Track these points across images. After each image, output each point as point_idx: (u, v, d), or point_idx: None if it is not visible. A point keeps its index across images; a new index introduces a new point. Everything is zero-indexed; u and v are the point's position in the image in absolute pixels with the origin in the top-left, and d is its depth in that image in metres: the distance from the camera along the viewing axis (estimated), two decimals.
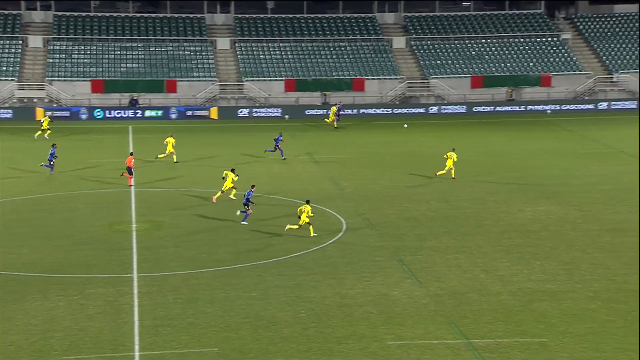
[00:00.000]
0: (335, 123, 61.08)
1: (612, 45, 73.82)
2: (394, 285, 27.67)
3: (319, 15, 76.87)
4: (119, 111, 66.01)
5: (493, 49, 73.73)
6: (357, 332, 23.91)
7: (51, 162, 44.11)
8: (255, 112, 67.55)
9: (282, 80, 70.05)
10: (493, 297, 26.45)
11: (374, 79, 70.53)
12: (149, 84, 68.46)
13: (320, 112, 67.92)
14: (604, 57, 72.73)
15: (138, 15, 76.17)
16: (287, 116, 67.06)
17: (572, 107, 67.58)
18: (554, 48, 73.30)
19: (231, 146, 54.01)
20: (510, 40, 74.42)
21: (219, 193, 38.31)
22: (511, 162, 48.10)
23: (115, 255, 30.93)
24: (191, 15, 75.84)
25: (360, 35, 74.71)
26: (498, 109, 67.79)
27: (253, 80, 70.02)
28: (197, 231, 34.28)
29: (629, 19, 76.37)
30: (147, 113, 65.74)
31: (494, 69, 71.72)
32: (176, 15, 75.58)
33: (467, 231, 33.99)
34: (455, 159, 43.34)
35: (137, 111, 65.25)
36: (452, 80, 70.48)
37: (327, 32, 75.26)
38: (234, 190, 38.47)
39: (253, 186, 35.48)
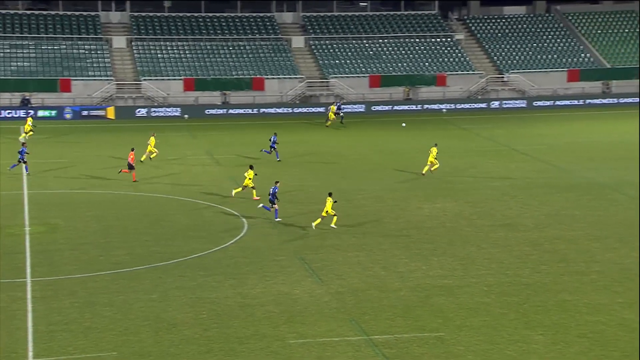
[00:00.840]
0: (328, 122, 60.64)
1: (503, 45, 76.13)
2: (295, 284, 27.76)
3: (217, 15, 76.35)
4: (9, 111, 63.87)
5: (390, 49, 74.90)
6: (259, 332, 23.87)
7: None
8: (154, 111, 66.54)
9: (180, 79, 69.25)
10: (393, 294, 26.87)
11: (273, 78, 70.56)
12: (41, 83, 66.51)
13: (221, 111, 67.50)
14: (495, 58, 74.93)
15: (28, 12, 73.87)
16: (186, 116, 66.35)
17: (467, 106, 69.36)
18: (448, 48, 75.06)
19: (129, 146, 52.96)
20: (407, 40, 75.77)
21: (239, 189, 38.61)
22: (408, 160, 48.96)
23: (7, 260, 29.90)
24: (85, 13, 74.08)
25: (259, 35, 74.62)
26: (396, 108, 68.93)
27: (151, 79, 68.94)
28: (93, 233, 33.51)
29: (518, 20, 78.93)
30: (40, 113, 63.79)
31: (391, 68, 72.88)
32: (69, 13, 73.67)
33: (367, 229, 34.42)
34: (435, 155, 43.69)
35: (29, 111, 63.19)
36: (350, 80, 71.23)
37: (226, 31, 74.82)
38: (253, 191, 38.44)
39: (277, 182, 35.93)
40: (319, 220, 34.05)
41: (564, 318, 24.60)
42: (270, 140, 48.55)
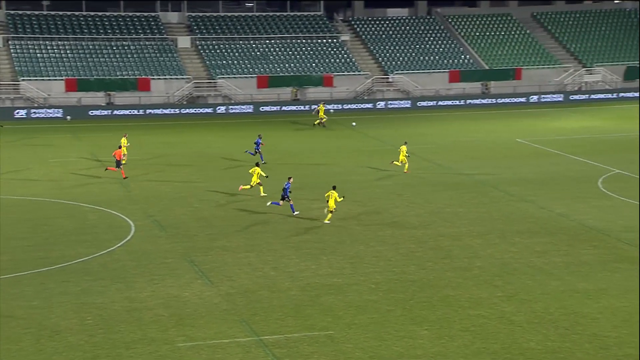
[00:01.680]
0: (323, 119, 60.31)
1: (387, 47, 77.55)
2: (185, 287, 27.45)
3: (99, 14, 74.60)
4: None
5: (277, 49, 75.07)
6: (147, 336, 23.48)
7: None
8: (34, 113, 64.41)
9: (62, 79, 67.28)
10: (283, 293, 26.96)
11: (159, 78, 69.52)
12: None
13: (105, 112, 65.99)
14: (380, 59, 76.26)
15: None
16: (69, 117, 64.51)
17: (353, 106, 70.29)
18: (334, 49, 75.87)
19: (9, 149, 51.10)
20: (293, 41, 76.12)
21: (248, 186, 38.95)
22: (297, 160, 49.21)
23: None
24: None
25: (144, 35, 73.35)
26: (284, 108, 69.15)
27: (30, 79, 66.68)
28: None
29: (401, 22, 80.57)
30: None
31: (278, 69, 73.05)
32: None
33: (257, 229, 34.39)
34: (405, 153, 44.45)
35: None
36: (238, 80, 70.98)
37: (109, 31, 73.21)
38: (261, 188, 39.08)
39: (290, 178, 36.61)
40: (329, 215, 34.77)
41: (447, 313, 25.29)
42: (255, 142, 48.06)
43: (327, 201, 34.78)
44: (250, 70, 72.27)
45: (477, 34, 79.89)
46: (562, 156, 48.99)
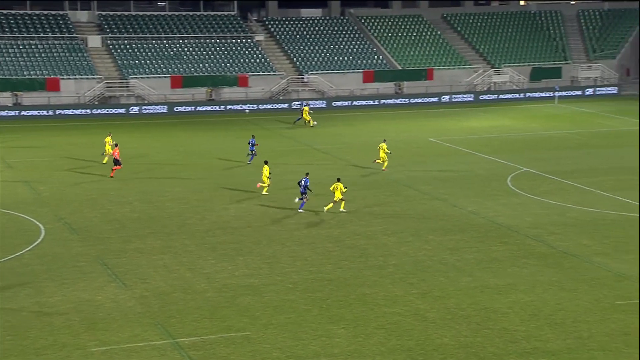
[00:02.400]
0: (311, 123, 60.29)
1: (301, 47, 77.78)
2: (97, 290, 26.91)
3: (5, 12, 72.41)
4: None
5: (191, 49, 74.35)
6: (58, 342, 22.92)
7: None
8: None
9: None
10: (199, 295, 26.73)
11: (69, 78, 67.94)
12: None
13: (12, 113, 64.05)
14: (295, 59, 76.42)
15: None
16: None
17: (269, 106, 70.22)
18: (249, 49, 75.64)
19: None
20: (207, 41, 75.52)
21: (264, 184, 39.68)
22: (212, 161, 48.86)
23: None
24: None
25: (52, 34, 71.56)
26: (199, 108, 68.55)
27: None
28: None
29: (315, 23, 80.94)
30: None
31: (192, 69, 72.35)
32: None
33: (172, 231, 34.00)
34: (386, 150, 44.86)
35: None
36: (151, 80, 69.97)
37: (15, 30, 71.14)
38: (264, 187, 39.74)
39: (307, 174, 37.32)
40: (331, 205, 35.93)
41: (364, 311, 25.54)
42: (249, 143, 47.48)
43: (334, 193, 35.87)
44: (164, 70, 71.35)
45: (390, 34, 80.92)
46: (473, 155, 50.07)
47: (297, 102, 70.52)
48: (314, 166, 47.32)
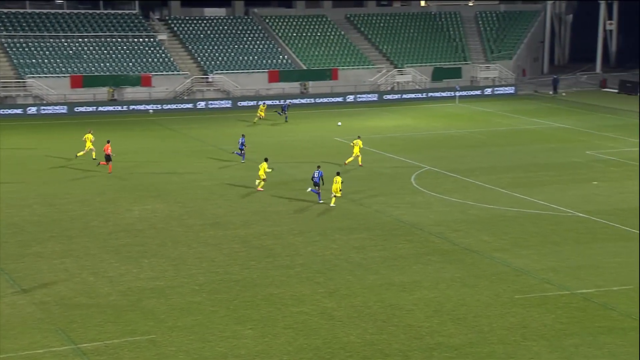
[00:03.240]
0: (256, 119, 61.11)
1: (206, 46, 77.11)
2: None
3: None
4: None
5: (91, 48, 72.69)
6: None
7: None
8: None
9: None
10: (102, 299, 26.18)
11: None
12: None
13: None
14: (199, 58, 75.72)
15: None
16: None
17: (173, 106, 69.34)
18: (152, 48, 74.50)
19: None
20: (108, 40, 73.98)
21: (262, 182, 40.41)
22: (116, 162, 47.91)
23: None
24: None
25: None
26: (100, 109, 67.08)
27: None
28: None
29: (219, 22, 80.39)
30: None
31: (93, 68, 70.75)
32: None
33: (74, 234, 33.19)
34: (362, 146, 45.82)
35: None
36: (50, 80, 68.06)
37: None
38: (261, 183, 40.34)
39: (319, 166, 39.19)
40: (333, 199, 37.66)
41: (271, 311, 25.54)
42: (239, 142, 47.36)
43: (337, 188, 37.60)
44: (63, 69, 69.51)
45: (294, 34, 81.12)
46: (378, 154, 50.71)
47: (201, 103, 69.94)
48: (219, 167, 47.04)
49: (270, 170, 40.96)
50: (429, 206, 38.41)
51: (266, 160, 41.18)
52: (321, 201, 38.10)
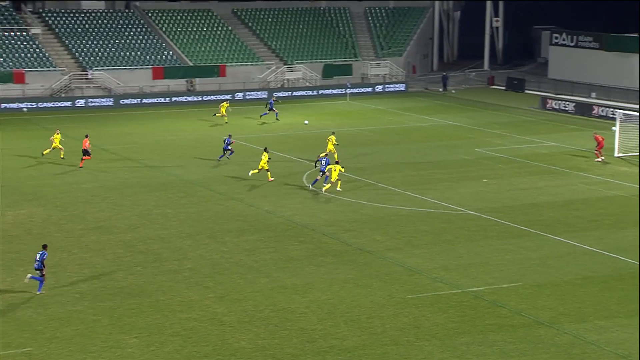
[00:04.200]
0: (218, 114, 59.71)
1: (84, 41, 75.18)
2: None
3: None
4: None
5: None
6: None
7: None
8: None
9: None
10: None
11: None
12: None
13: None
14: (77, 54, 73.75)
15: None
16: None
17: (50, 104, 67.29)
18: (25, 43, 72.08)
19: None
20: None
21: (256, 170, 42.04)
22: None
23: None
24: None
25: None
26: None
27: None
28: None
29: (98, 16, 78.54)
30: None
31: None
32: None
33: None
34: (335, 142, 46.91)
35: None
36: None
37: None
38: (255, 171, 41.79)
39: (326, 154, 43.61)
40: (329, 187, 39.78)
41: (158, 318, 25.14)
42: (224, 141, 47.22)
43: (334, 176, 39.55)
44: None
45: (179, 29, 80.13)
46: (269, 153, 50.61)
47: (80, 101, 68.23)
48: (101, 168, 45.95)
49: (269, 159, 42.51)
50: (322, 206, 38.67)
51: (266, 150, 42.93)
52: (325, 184, 40.40)
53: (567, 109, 66.17)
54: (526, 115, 65.12)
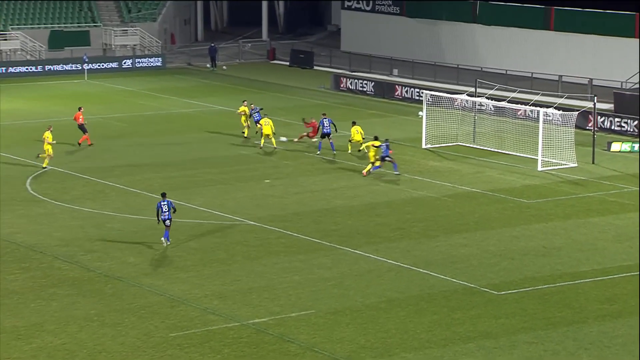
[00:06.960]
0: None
1: None
2: None
3: None
4: None
5: None
6: None
7: None
8: None
9: None
10: None
11: None
12: None
13: None
14: None
15: None
16: None
17: None
18: None
19: None
20: None
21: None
22: None
23: None
24: None
25: None
26: None
27: None
28: None
29: None
30: None
31: None
32: None
33: None
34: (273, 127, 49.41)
35: None
36: None
37: None
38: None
39: (324, 114, 49.83)
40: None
41: None
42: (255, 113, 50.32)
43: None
44: None
45: None
46: None
47: None
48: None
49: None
50: (53, 220, 37.87)
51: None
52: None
53: (365, 89, 68.40)
54: (316, 98, 66.68)
